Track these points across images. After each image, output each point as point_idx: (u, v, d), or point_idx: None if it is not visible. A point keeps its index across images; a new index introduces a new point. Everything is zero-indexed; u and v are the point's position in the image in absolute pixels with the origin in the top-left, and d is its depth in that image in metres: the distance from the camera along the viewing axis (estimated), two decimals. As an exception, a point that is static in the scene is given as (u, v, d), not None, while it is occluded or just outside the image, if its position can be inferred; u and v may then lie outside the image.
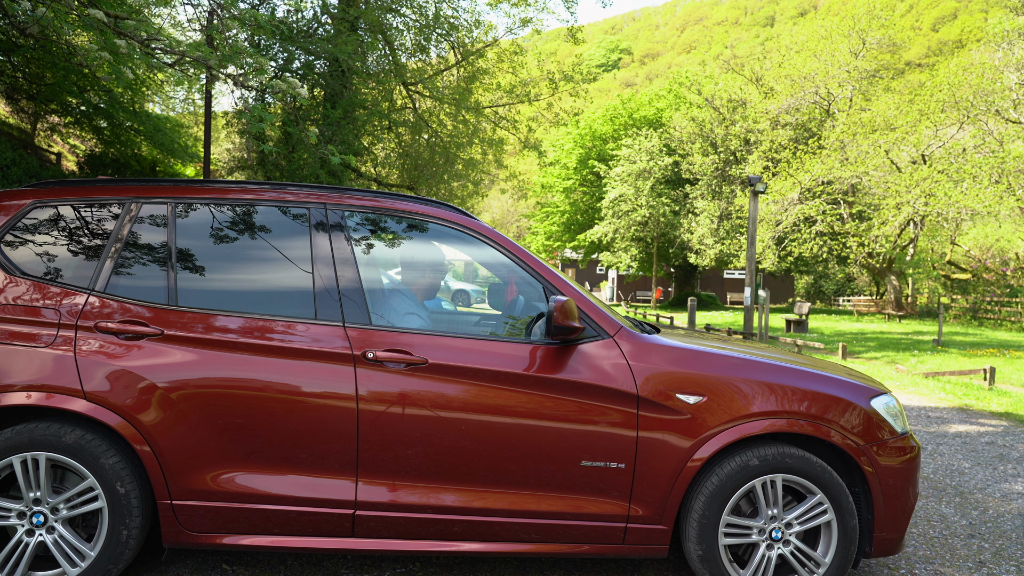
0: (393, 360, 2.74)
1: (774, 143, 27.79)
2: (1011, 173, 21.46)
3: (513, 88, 19.48)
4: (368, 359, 2.73)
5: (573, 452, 2.76)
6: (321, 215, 2.95)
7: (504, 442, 2.75)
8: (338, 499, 2.74)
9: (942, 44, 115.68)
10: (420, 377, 2.74)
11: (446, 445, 2.74)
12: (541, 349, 2.80)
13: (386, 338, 2.77)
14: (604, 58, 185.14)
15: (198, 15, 15.04)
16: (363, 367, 2.73)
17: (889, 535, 2.95)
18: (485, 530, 2.77)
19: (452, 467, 2.76)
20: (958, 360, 13.57)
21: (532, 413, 2.75)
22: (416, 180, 18.70)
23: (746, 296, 14.75)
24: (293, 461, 2.73)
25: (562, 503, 2.78)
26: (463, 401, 2.74)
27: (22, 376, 2.66)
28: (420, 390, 2.74)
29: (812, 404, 2.88)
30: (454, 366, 2.75)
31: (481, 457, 2.75)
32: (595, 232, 38.56)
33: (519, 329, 3.21)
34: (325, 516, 2.73)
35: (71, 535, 2.69)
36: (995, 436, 6.68)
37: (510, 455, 2.75)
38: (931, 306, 30.59)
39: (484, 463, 2.75)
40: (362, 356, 2.73)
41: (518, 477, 2.77)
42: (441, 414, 2.74)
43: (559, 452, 2.76)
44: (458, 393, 2.75)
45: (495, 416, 2.74)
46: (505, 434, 2.75)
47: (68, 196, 2.95)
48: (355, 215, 3.00)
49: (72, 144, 17.51)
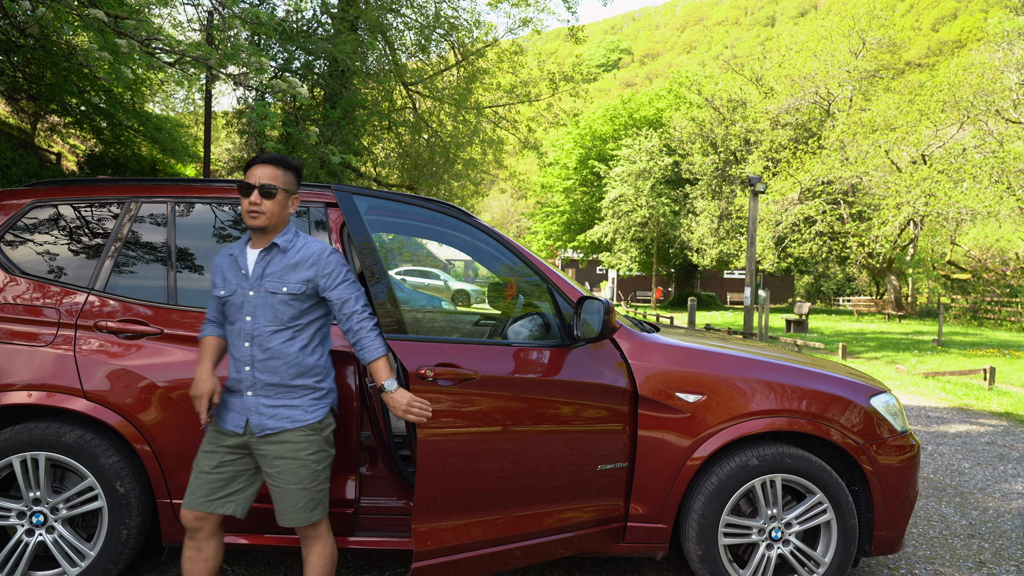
0: (438, 375, 2.54)
1: (774, 143, 27.79)
2: (1011, 173, 21.46)
3: (513, 88, 19.47)
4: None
5: (592, 457, 2.68)
6: (321, 215, 2.95)
7: (523, 453, 2.60)
8: (338, 499, 2.74)
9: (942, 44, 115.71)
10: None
11: (481, 457, 2.63)
12: (542, 350, 2.77)
13: (418, 346, 2.64)
14: (604, 58, 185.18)
15: (198, 15, 15.05)
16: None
17: (889, 534, 2.95)
18: (524, 555, 2.62)
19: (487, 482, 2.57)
20: (958, 360, 13.57)
21: (532, 414, 2.73)
22: (416, 180, 18.70)
23: (746, 296, 14.75)
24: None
25: (578, 511, 2.70)
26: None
27: (22, 375, 2.66)
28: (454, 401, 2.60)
29: (812, 403, 2.88)
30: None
31: (506, 472, 2.59)
32: (595, 232, 38.55)
33: (518, 329, 3.19)
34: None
35: (71, 535, 2.69)
36: (995, 436, 6.68)
37: (527, 466, 2.61)
38: (931, 306, 30.59)
39: (510, 477, 2.59)
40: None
41: (539, 492, 2.64)
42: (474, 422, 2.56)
43: (578, 458, 2.66)
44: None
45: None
46: (522, 442, 2.61)
47: (68, 196, 2.95)
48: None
49: (72, 144, 17.51)
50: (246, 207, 2.32)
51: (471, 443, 2.49)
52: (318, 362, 2.39)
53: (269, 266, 2.34)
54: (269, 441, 2.31)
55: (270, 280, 2.32)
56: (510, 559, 2.60)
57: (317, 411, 2.36)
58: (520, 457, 2.58)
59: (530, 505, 2.61)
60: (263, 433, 2.30)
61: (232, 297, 2.34)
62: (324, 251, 2.38)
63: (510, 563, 2.61)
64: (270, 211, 2.32)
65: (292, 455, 2.30)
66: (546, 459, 2.62)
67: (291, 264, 2.34)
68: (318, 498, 2.37)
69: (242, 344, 2.31)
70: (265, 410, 2.30)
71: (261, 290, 2.31)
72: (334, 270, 2.37)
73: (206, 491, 2.31)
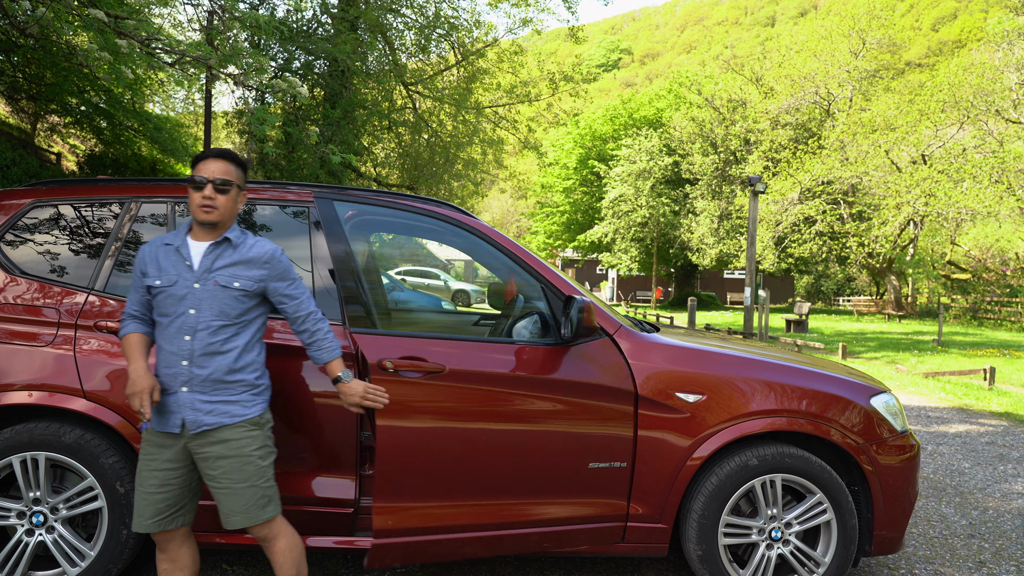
0: (398, 367, 2.67)
1: (774, 143, 27.79)
2: (1011, 173, 21.46)
3: (513, 88, 19.47)
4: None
5: (582, 454, 2.73)
6: (319, 215, 2.95)
7: (503, 446, 2.72)
8: (339, 498, 2.74)
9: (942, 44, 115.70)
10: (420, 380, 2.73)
11: (447, 447, 2.72)
12: (541, 349, 2.78)
13: (387, 340, 2.74)
14: (604, 58, 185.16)
15: (198, 15, 15.05)
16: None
17: (889, 534, 2.95)
18: (495, 544, 2.70)
19: (453, 471, 2.72)
20: (958, 360, 13.57)
21: (532, 413, 2.73)
22: (416, 180, 18.69)
23: (746, 296, 14.75)
24: (293, 459, 2.73)
25: (570, 507, 2.74)
26: (463, 407, 2.73)
27: (22, 375, 2.66)
28: (419, 392, 2.71)
29: (812, 402, 2.88)
30: (457, 369, 2.74)
31: (479, 463, 2.70)
32: (595, 232, 38.55)
33: (519, 329, 3.19)
34: (326, 515, 2.73)
35: (71, 535, 2.69)
36: (995, 436, 6.68)
37: (512, 460, 2.70)
38: (931, 306, 30.58)
39: (482, 468, 2.72)
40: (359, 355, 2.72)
41: (527, 485, 2.71)
42: (440, 415, 2.71)
43: (569, 455, 2.72)
44: (458, 393, 2.73)
45: (491, 421, 2.69)
46: (503, 437, 2.73)
47: (68, 195, 2.95)
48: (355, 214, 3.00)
49: (72, 144, 17.51)
50: (198, 201, 2.29)
51: (432, 433, 2.58)
52: (256, 358, 2.38)
53: (219, 260, 2.31)
54: (209, 441, 2.26)
55: (220, 274, 2.30)
56: (480, 545, 2.66)
57: (256, 406, 2.34)
58: (492, 450, 2.65)
59: (504, 496, 2.68)
60: (199, 430, 2.25)
61: (172, 288, 2.28)
62: (276, 251, 2.40)
63: (481, 550, 2.67)
64: (223, 206, 2.32)
65: (235, 453, 2.27)
66: (523, 454, 2.67)
67: (243, 260, 2.33)
68: (269, 494, 2.33)
69: (181, 338, 2.26)
70: (201, 406, 2.26)
71: (209, 283, 2.28)
72: (286, 270, 2.40)
73: (153, 512, 2.27)
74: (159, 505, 2.27)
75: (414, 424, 2.57)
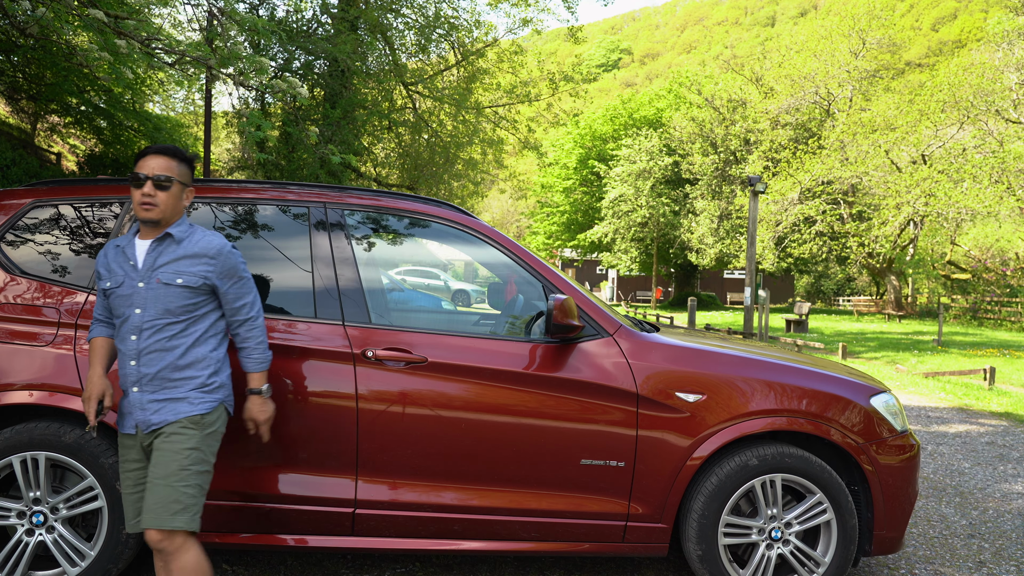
0: (392, 359, 2.74)
1: (774, 143, 27.79)
2: (1011, 173, 21.47)
3: (513, 88, 19.47)
4: (368, 358, 2.73)
5: (572, 450, 2.76)
6: (321, 214, 2.95)
7: (503, 440, 2.75)
8: (338, 497, 2.74)
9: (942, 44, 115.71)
10: (420, 376, 2.74)
11: (446, 444, 2.74)
12: (541, 348, 2.80)
13: (386, 337, 2.77)
14: (604, 58, 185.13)
15: (198, 15, 15.05)
16: (363, 366, 2.73)
17: (889, 533, 2.95)
18: (485, 529, 2.77)
19: (452, 466, 2.76)
20: (958, 360, 13.57)
21: (532, 411, 2.75)
22: (416, 180, 18.69)
23: (746, 296, 14.75)
24: (293, 459, 2.73)
25: (562, 501, 2.79)
26: (463, 400, 2.75)
27: (23, 375, 2.66)
28: (420, 389, 2.74)
29: (812, 402, 2.88)
30: (454, 364, 2.75)
31: (480, 455, 2.75)
32: (595, 232, 38.56)
33: (519, 328, 3.21)
34: (325, 515, 2.73)
35: (71, 535, 2.69)
36: (995, 436, 6.69)
37: (509, 453, 2.76)
38: (931, 306, 30.58)
39: (483, 461, 2.76)
40: (362, 355, 2.73)
41: (517, 475, 2.77)
42: (441, 413, 2.74)
43: (558, 450, 2.76)
44: (458, 392, 2.75)
45: (494, 415, 2.75)
46: (504, 432, 2.75)
47: (68, 195, 2.95)
48: (355, 214, 3.01)
49: (72, 144, 17.51)
50: (138, 199, 2.26)
51: (411, 418, 2.73)
52: (210, 354, 2.33)
53: (161, 257, 2.28)
54: (158, 439, 2.23)
55: (163, 271, 2.26)
56: (456, 527, 2.75)
57: (204, 404, 2.28)
58: (475, 438, 2.74)
59: (485, 484, 2.76)
60: (149, 430, 2.23)
61: (119, 289, 2.27)
62: (224, 247, 2.34)
63: (455, 531, 2.76)
64: (164, 203, 2.27)
65: (164, 447, 2.21)
66: (507, 445, 2.74)
67: (187, 255, 2.28)
68: (184, 502, 2.17)
69: (128, 337, 2.25)
70: (149, 405, 2.24)
71: (152, 281, 2.25)
72: (233, 268, 2.35)
73: (134, 512, 2.30)
74: (137, 505, 2.29)
75: (395, 409, 2.73)
